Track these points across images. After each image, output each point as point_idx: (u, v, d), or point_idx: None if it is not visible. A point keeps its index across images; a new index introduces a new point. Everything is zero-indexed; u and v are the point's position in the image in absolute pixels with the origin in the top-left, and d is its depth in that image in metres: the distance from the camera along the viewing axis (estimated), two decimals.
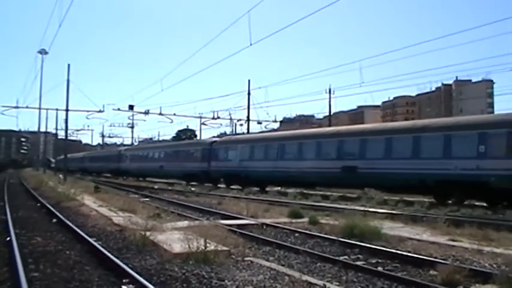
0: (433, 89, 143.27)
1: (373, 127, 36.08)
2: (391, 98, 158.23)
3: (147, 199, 27.46)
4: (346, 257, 10.79)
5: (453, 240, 12.52)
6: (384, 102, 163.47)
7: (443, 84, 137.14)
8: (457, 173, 24.69)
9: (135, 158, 66.91)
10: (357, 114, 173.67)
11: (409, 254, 10.62)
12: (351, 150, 32.02)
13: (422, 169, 26.43)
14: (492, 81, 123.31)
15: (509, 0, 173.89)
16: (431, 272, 9.10)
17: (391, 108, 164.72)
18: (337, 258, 10.38)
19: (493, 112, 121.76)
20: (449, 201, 24.75)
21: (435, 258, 10.16)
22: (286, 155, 37.64)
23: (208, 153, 46.92)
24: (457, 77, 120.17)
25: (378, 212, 19.20)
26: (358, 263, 10.13)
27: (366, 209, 20.20)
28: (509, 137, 23.70)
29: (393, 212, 19.70)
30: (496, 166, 23.32)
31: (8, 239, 12.18)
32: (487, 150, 24.06)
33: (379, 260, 10.45)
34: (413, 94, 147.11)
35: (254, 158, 40.71)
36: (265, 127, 69.42)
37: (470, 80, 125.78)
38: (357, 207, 21.13)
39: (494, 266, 9.66)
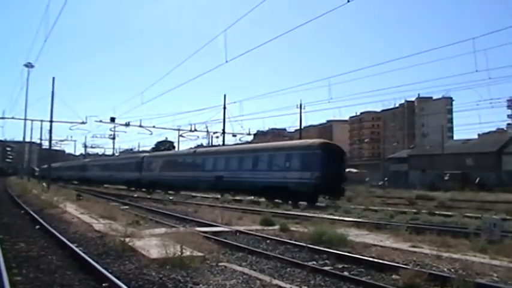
0: (397, 105, 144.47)
1: (231, 148, 48.33)
2: (358, 113, 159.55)
3: (126, 207, 27.21)
4: (314, 262, 10.81)
5: (414, 247, 12.62)
6: (351, 117, 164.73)
7: (406, 101, 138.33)
8: (273, 181, 34.60)
9: (95, 169, 79.56)
10: (326, 128, 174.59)
11: (373, 260, 10.67)
12: (220, 164, 42.64)
13: (257, 178, 36.30)
14: (451, 98, 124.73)
15: (467, 23, 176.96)
16: (394, 276, 9.15)
17: (358, 122, 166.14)
18: (306, 263, 10.39)
19: (452, 127, 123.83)
20: (276, 200, 32.53)
21: (397, 263, 10.24)
22: (184, 167, 48.72)
23: (140, 165, 58.76)
24: (419, 94, 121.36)
25: (345, 220, 19.29)
26: (326, 268, 10.15)
27: (333, 217, 20.33)
28: (300, 157, 33.96)
29: (359, 220, 19.80)
30: (293, 176, 33.25)
31: None
32: (289, 166, 34.26)
33: (345, 265, 10.48)
34: (379, 110, 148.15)
35: (166, 169, 52.58)
36: (240, 139, 69.86)
37: (431, 97, 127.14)
38: (325, 216, 21.25)
39: (452, 270, 9.77)
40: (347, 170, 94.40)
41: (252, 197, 36.01)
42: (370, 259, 10.76)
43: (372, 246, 12.76)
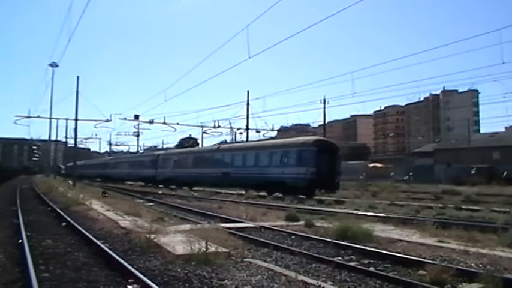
0: (422, 99, 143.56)
1: (237, 146, 51.41)
2: (382, 108, 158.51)
3: (151, 204, 27.40)
4: (339, 257, 10.76)
5: (441, 242, 12.48)
6: (375, 112, 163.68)
7: (431, 94, 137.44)
8: (273, 176, 37.02)
9: (115, 166, 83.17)
10: (350, 123, 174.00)
11: (399, 255, 10.58)
12: (226, 161, 45.82)
13: (259, 174, 38.98)
14: (477, 91, 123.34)
15: (491, 15, 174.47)
16: (421, 271, 9.06)
17: (382, 117, 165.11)
18: (331, 259, 10.34)
19: (478, 120, 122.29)
20: (276, 194, 35.20)
21: (424, 258, 10.12)
22: (195, 164, 51.65)
23: (156, 163, 61.46)
24: (444, 88, 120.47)
25: (370, 215, 19.16)
26: (351, 263, 10.10)
27: (358, 213, 20.21)
28: (296, 153, 36.31)
29: (384, 215, 19.67)
30: (290, 171, 35.56)
31: (20, 241, 12.15)
32: (286, 162, 36.76)
33: (371, 261, 10.42)
34: (403, 104, 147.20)
35: (179, 166, 55.51)
36: (263, 135, 70.03)
37: (456, 90, 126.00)
38: (350, 211, 21.14)
39: (480, 265, 9.63)
40: (371, 165, 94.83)
41: (254, 192, 37.59)
42: (396, 254, 10.67)
43: (397, 241, 12.65)
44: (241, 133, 68.97)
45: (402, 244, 12.24)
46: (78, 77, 49.57)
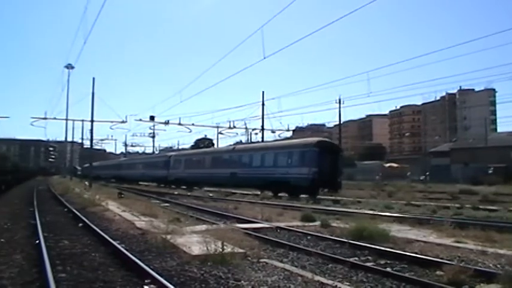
0: (438, 98, 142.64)
1: (244, 147, 52.76)
2: (398, 107, 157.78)
3: (167, 204, 27.48)
4: (356, 258, 10.72)
5: (458, 242, 12.40)
6: (391, 111, 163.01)
7: (447, 93, 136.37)
8: (278, 176, 38.04)
9: (129, 167, 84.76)
10: (366, 123, 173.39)
11: (416, 255, 10.53)
12: (234, 162, 46.97)
13: (265, 174, 40.02)
14: (494, 90, 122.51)
15: (508, 13, 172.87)
16: (438, 272, 9.01)
17: (398, 116, 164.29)
18: (347, 259, 10.31)
19: (495, 119, 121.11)
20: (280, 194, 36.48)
21: (441, 259, 10.06)
22: (204, 165, 52.95)
23: (168, 164, 62.67)
24: (460, 87, 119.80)
25: (386, 215, 19.06)
26: (368, 264, 10.06)
27: (374, 213, 20.13)
28: (299, 154, 37.43)
29: (401, 215, 19.56)
30: (294, 172, 36.64)
31: (37, 241, 12.25)
32: (291, 162, 37.79)
33: (388, 261, 10.38)
34: (419, 103, 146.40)
35: (189, 167, 56.65)
36: (279, 136, 69.97)
37: (473, 89, 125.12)
38: (366, 211, 21.06)
39: (498, 266, 9.57)
40: (387, 165, 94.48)
41: (259, 192, 39.77)
42: (413, 255, 10.61)
43: (414, 241, 12.59)
44: (256, 133, 68.98)
45: (419, 244, 12.18)
46: (94, 78, 49.91)
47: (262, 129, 58.36)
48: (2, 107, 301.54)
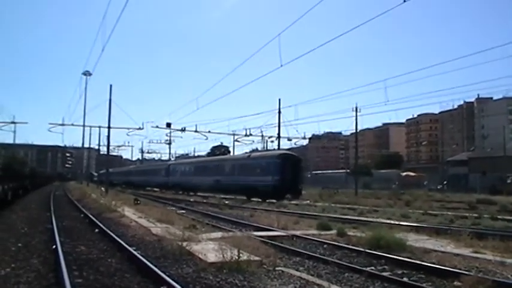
0: (456, 106, 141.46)
1: (225, 158, 64.94)
2: (415, 116, 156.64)
3: (183, 211, 27.52)
4: (372, 267, 10.66)
5: (476, 252, 12.29)
6: (408, 120, 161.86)
7: (465, 102, 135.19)
8: (250, 183, 44.13)
9: (137, 174, 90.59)
10: (382, 131, 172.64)
11: (434, 265, 10.45)
12: (217, 170, 53.38)
13: (240, 181, 46.41)
14: None
15: None
16: (456, 283, 8.92)
17: (415, 125, 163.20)
18: (364, 268, 10.25)
19: None
20: (253, 199, 41.76)
21: (459, 269, 9.98)
22: (195, 173, 60.24)
23: (167, 171, 69.76)
24: (478, 95, 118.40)
25: (403, 225, 18.98)
26: (385, 273, 9.99)
27: (391, 222, 20.02)
28: (265, 165, 44.19)
29: (418, 224, 19.44)
30: (261, 179, 42.87)
31: (54, 247, 12.33)
32: (259, 172, 44.09)
33: (405, 271, 10.29)
34: (437, 112, 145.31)
35: (183, 174, 64.06)
36: (295, 143, 69.99)
37: (491, 98, 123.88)
38: (382, 220, 20.96)
39: None
40: (404, 173, 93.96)
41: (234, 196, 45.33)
42: (431, 265, 10.53)
43: (432, 251, 12.50)
44: (272, 141, 68.93)
45: (436, 254, 12.09)
46: (111, 85, 50.11)
47: (279, 137, 58.39)
48: (20, 113, 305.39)
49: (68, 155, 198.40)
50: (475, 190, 59.31)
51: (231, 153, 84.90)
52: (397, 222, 20.00)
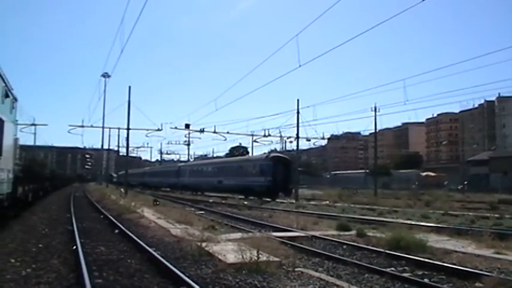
0: (476, 105, 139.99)
1: (226, 160, 74.13)
2: (435, 115, 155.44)
3: (202, 212, 27.60)
4: (392, 268, 10.61)
5: (498, 253, 12.18)
6: (427, 119, 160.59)
7: (485, 100, 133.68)
8: (246, 184, 49.14)
9: (151, 175, 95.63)
10: (402, 131, 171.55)
11: (455, 266, 10.37)
12: (219, 172, 58.61)
13: (240, 181, 50.68)
14: None
15: None
16: (477, 284, 8.86)
17: (435, 124, 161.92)
18: (384, 269, 10.22)
19: None
20: (251, 197, 44.52)
21: (480, 270, 9.91)
22: (201, 174, 65.29)
23: (178, 173, 74.68)
24: (499, 94, 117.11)
25: (423, 225, 18.86)
26: (405, 274, 9.93)
27: (411, 222, 19.90)
28: (258, 166, 49.42)
29: (438, 225, 19.30)
30: (255, 180, 48.11)
31: (74, 247, 12.43)
32: (254, 173, 49.58)
33: (425, 272, 10.23)
34: (457, 111, 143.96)
35: (191, 175, 68.55)
36: (314, 144, 70.03)
37: None
38: (402, 221, 20.84)
39: None
40: (424, 173, 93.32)
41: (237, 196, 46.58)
42: (452, 266, 10.46)
43: (452, 252, 12.41)
44: (291, 142, 68.79)
45: (457, 255, 12.00)
46: (130, 87, 50.54)
47: (297, 137, 58.07)
48: (40, 115, 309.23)
49: (87, 156, 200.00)
50: (496, 190, 58.72)
51: (249, 154, 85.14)
52: (417, 223, 19.88)
